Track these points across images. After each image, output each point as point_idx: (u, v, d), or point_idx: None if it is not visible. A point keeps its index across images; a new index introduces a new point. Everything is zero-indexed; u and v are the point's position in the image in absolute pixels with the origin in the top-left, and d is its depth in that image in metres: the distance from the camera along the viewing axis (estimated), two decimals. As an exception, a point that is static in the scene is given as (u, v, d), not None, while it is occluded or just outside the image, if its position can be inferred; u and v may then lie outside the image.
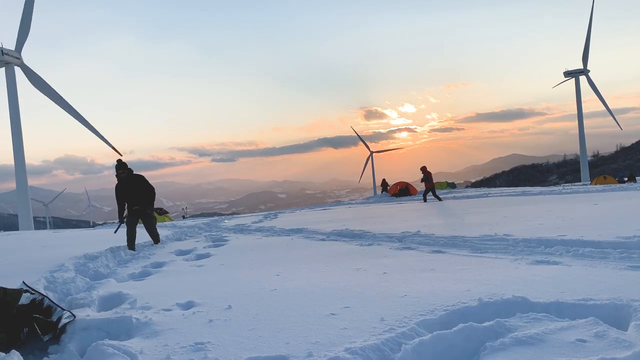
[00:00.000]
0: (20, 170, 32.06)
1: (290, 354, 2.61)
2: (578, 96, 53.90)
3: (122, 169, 8.66)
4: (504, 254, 5.36)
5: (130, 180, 8.69)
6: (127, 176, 8.65)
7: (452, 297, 3.47)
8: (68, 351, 3.02)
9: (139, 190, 8.67)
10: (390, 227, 8.84)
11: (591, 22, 49.57)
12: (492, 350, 2.48)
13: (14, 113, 31.94)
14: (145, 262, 6.82)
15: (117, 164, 8.72)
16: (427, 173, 20.02)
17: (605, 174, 37.68)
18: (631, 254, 4.62)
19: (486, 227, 7.57)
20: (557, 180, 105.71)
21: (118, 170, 8.67)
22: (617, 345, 2.40)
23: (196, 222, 16.35)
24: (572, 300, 3.16)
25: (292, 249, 7.26)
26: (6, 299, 3.33)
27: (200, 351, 2.75)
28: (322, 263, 5.64)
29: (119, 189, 8.70)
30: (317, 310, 3.42)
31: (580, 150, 55.04)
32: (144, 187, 8.75)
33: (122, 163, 8.69)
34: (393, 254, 5.94)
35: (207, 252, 7.62)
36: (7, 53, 31.00)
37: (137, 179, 8.77)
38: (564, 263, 4.59)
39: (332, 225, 10.59)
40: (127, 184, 8.62)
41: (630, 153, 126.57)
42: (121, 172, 8.64)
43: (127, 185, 8.61)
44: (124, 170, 8.66)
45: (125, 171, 8.67)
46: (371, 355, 2.54)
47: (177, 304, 3.90)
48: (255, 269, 5.54)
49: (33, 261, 6.62)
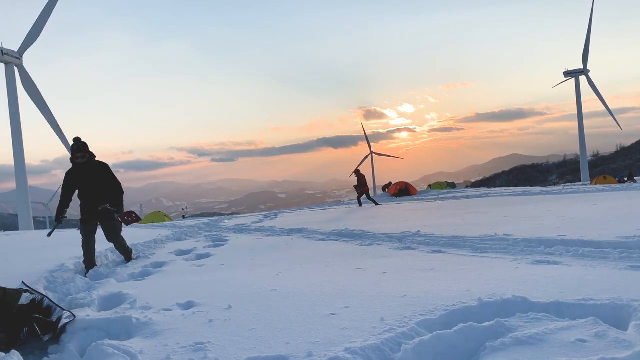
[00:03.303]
0: (20, 170, 32.07)
1: (290, 354, 2.61)
2: (578, 96, 53.92)
3: (81, 151, 6.22)
4: (504, 254, 5.36)
5: (90, 169, 6.30)
6: (86, 163, 6.28)
7: (452, 297, 3.47)
8: (68, 351, 3.02)
9: (101, 183, 6.35)
10: (390, 227, 8.83)
11: (591, 22, 49.58)
12: (492, 350, 2.48)
13: (14, 113, 31.96)
14: (145, 262, 6.82)
15: (75, 144, 6.24)
16: (361, 176, 19.68)
17: (605, 174, 37.70)
18: (631, 254, 4.62)
19: (486, 227, 7.56)
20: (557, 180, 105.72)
21: (75, 152, 6.21)
22: (617, 345, 2.40)
23: (196, 222, 16.34)
24: (572, 300, 3.16)
25: (292, 249, 7.26)
26: (6, 299, 3.33)
27: (200, 351, 2.75)
28: (322, 263, 5.64)
29: (71, 177, 6.30)
30: (317, 310, 3.42)
31: (580, 150, 55.04)
32: (109, 180, 6.42)
33: (82, 144, 6.24)
34: (393, 254, 5.94)
35: (207, 252, 7.62)
36: (7, 53, 31.02)
37: (100, 168, 6.39)
38: (564, 263, 4.59)
39: (332, 225, 10.58)
40: (85, 173, 6.27)
41: (630, 153, 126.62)
42: (80, 155, 6.21)
43: (85, 175, 6.26)
44: (84, 154, 6.23)
45: (85, 155, 6.24)
46: (371, 355, 2.54)
47: (177, 304, 3.90)
48: (255, 269, 5.54)
49: (33, 261, 6.62)
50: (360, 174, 19.80)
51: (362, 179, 19.69)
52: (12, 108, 32.03)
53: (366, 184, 19.91)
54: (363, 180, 19.71)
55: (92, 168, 6.33)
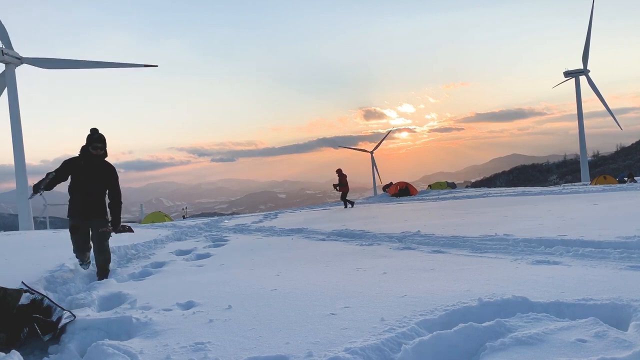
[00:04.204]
0: (20, 170, 32.05)
1: (290, 354, 2.61)
2: (578, 96, 53.90)
3: (101, 141, 5.54)
4: (504, 254, 5.36)
5: (99, 165, 5.58)
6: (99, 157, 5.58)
7: (452, 297, 3.47)
8: (68, 351, 3.02)
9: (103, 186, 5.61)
10: (390, 227, 8.83)
11: (591, 22, 49.56)
12: (492, 350, 2.48)
13: (14, 113, 31.96)
14: (145, 262, 6.83)
15: (95, 132, 5.53)
16: (343, 176, 19.44)
17: (605, 174, 37.69)
18: (631, 254, 4.62)
19: (486, 227, 7.56)
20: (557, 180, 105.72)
21: (95, 141, 5.48)
22: (617, 345, 2.40)
23: (196, 222, 16.33)
24: (572, 300, 3.16)
25: (292, 249, 7.26)
26: (6, 299, 3.34)
27: (200, 351, 2.75)
28: (322, 263, 5.64)
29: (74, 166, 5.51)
30: (317, 310, 3.42)
31: (580, 150, 55.03)
32: (113, 184, 5.66)
33: (102, 135, 5.57)
34: (393, 254, 5.94)
35: (207, 252, 7.62)
36: (7, 53, 31.02)
37: (108, 170, 5.66)
38: (564, 263, 4.59)
39: (332, 225, 10.58)
40: (93, 167, 5.52)
41: (630, 153, 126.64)
42: (99, 145, 5.51)
43: (92, 170, 5.51)
44: (102, 145, 5.55)
45: (103, 146, 5.57)
46: (371, 355, 2.54)
47: (177, 304, 3.90)
48: (255, 269, 5.54)
49: (33, 261, 6.61)
50: (342, 173, 19.57)
51: (344, 179, 19.51)
52: (12, 108, 32.04)
53: (347, 184, 19.62)
54: (344, 180, 19.53)
55: (101, 166, 5.59)
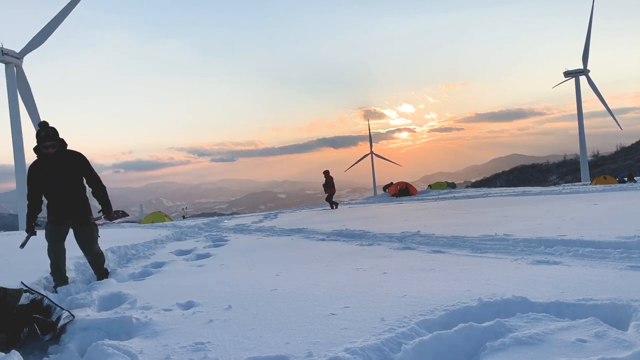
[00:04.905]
0: (20, 170, 32.05)
1: (290, 354, 2.61)
2: (578, 96, 53.89)
3: (51, 139, 4.90)
4: (504, 254, 5.36)
5: (61, 160, 5.01)
6: (56, 153, 4.98)
7: (452, 297, 3.47)
8: (68, 351, 3.02)
9: (75, 178, 5.11)
10: (390, 227, 8.83)
11: (591, 22, 49.57)
12: (492, 350, 2.48)
13: (14, 113, 31.97)
14: (145, 262, 6.82)
15: (42, 129, 4.91)
16: (330, 178, 19.50)
17: (605, 174, 37.69)
18: (631, 254, 4.62)
19: (486, 227, 7.56)
20: (557, 180, 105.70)
21: (43, 140, 4.86)
22: (617, 345, 2.40)
23: (196, 222, 16.33)
24: (572, 300, 3.16)
25: (292, 249, 7.26)
26: (6, 299, 3.34)
27: (200, 351, 2.75)
28: (322, 263, 5.64)
29: (37, 171, 5.01)
30: (317, 310, 3.42)
31: (580, 150, 55.02)
32: (85, 174, 5.18)
33: (52, 129, 4.92)
34: (393, 254, 5.94)
35: (207, 252, 7.62)
36: (7, 53, 31.04)
37: (74, 159, 5.12)
38: (564, 263, 4.59)
39: (332, 225, 10.58)
40: (55, 166, 4.97)
41: (630, 153, 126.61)
42: (50, 144, 4.89)
43: (55, 169, 4.97)
44: (54, 142, 4.92)
45: (55, 143, 4.94)
46: (371, 355, 2.54)
47: (177, 304, 3.90)
48: (255, 269, 5.54)
49: (33, 261, 6.61)
50: (329, 175, 19.66)
51: (331, 180, 19.60)
52: (12, 108, 32.05)
53: (334, 186, 19.66)
54: (331, 182, 19.59)
55: (64, 159, 5.03)
